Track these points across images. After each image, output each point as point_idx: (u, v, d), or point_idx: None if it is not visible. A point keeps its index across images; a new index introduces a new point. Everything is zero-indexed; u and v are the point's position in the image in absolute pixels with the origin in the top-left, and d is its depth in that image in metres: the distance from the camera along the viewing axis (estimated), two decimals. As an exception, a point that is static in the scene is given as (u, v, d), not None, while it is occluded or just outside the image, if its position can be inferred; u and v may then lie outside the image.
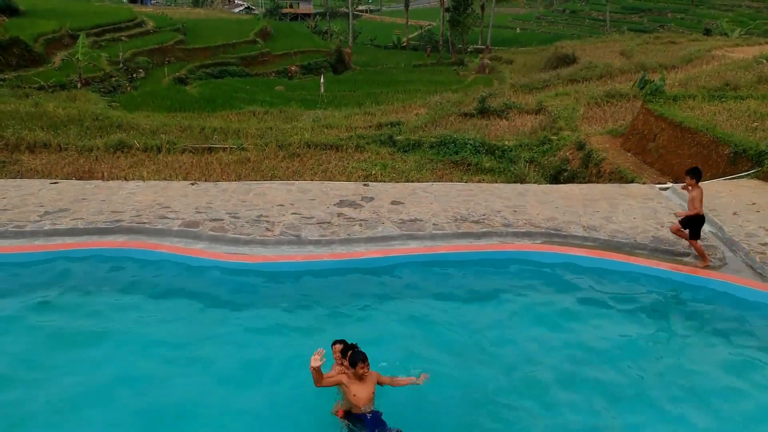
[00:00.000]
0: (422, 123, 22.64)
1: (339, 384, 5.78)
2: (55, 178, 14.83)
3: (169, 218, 10.02)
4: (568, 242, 9.61)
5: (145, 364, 6.77)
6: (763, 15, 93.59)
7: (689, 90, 22.64)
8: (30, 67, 35.06)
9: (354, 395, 5.67)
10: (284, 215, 10.30)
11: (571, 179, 15.75)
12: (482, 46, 77.88)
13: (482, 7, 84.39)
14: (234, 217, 10.11)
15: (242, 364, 6.82)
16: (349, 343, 6.02)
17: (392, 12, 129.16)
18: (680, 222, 8.84)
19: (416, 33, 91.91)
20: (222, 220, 10.01)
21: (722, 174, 12.49)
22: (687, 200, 9.04)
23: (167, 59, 48.73)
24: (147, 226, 9.71)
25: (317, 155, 18.72)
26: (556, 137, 18.62)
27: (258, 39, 58.68)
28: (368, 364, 5.72)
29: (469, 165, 17.80)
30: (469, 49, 76.47)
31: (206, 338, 7.29)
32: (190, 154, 18.72)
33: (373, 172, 17.07)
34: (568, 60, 43.23)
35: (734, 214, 10.55)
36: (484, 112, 23.49)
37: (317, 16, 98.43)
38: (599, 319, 7.92)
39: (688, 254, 9.15)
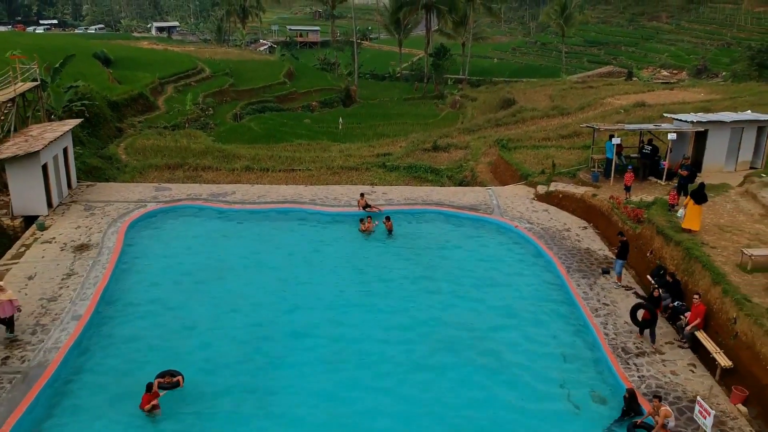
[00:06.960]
0: (401, 155, 40.95)
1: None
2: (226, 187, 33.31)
3: (303, 198, 28.52)
4: (442, 205, 28.08)
5: (304, 247, 25.17)
6: (698, 51, 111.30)
7: (550, 135, 41.17)
8: (148, 112, 53.45)
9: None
10: (343, 197, 28.77)
11: (466, 185, 34.08)
12: (462, 77, 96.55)
13: (462, 45, 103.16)
14: (326, 197, 28.61)
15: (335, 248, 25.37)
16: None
17: (389, 40, 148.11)
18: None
19: (408, 63, 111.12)
20: (322, 198, 28.50)
21: (515, 182, 30.94)
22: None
23: (224, 99, 67.23)
24: (297, 200, 28.22)
25: (346, 173, 37.12)
26: (465, 164, 37.05)
27: (286, 80, 77.40)
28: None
29: (421, 178, 36.21)
30: (450, 81, 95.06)
31: (323, 235, 25.81)
32: (282, 173, 37.14)
33: (375, 182, 35.42)
34: (510, 103, 61.37)
35: (506, 197, 29.03)
36: (436, 148, 41.84)
37: (328, 49, 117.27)
38: (445, 231, 26.32)
39: (479, 209, 27.62)
